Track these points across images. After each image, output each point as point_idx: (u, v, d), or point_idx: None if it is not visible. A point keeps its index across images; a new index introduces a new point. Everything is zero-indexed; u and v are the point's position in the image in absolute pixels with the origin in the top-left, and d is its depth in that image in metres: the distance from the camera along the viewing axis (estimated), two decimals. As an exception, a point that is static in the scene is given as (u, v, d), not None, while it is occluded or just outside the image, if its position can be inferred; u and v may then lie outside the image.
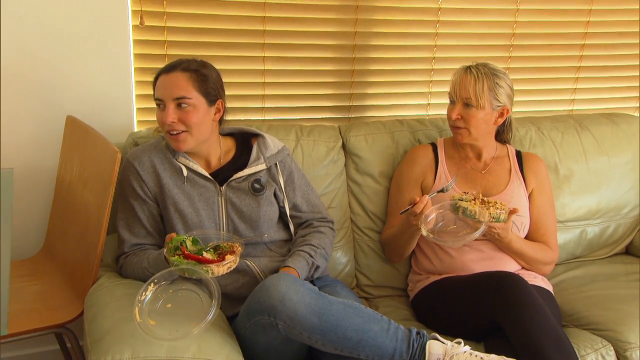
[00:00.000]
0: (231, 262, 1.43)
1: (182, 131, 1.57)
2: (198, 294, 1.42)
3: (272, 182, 1.71)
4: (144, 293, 1.36)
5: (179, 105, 1.55)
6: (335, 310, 1.39)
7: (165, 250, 1.44)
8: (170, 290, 1.41)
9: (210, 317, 1.31)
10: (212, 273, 1.39)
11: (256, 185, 1.67)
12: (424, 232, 1.64)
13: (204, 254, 1.43)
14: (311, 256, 1.64)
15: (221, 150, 1.70)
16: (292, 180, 1.75)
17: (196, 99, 1.57)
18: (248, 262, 1.62)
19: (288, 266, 1.59)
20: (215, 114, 1.63)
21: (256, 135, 1.76)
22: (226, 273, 1.44)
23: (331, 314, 1.38)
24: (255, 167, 1.69)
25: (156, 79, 1.60)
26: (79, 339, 1.64)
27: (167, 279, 1.41)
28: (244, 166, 1.69)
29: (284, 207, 1.73)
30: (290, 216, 1.74)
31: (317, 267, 1.66)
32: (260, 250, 1.69)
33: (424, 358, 1.40)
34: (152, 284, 1.38)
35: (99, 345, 1.30)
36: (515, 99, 1.90)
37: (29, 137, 1.89)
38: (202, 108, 1.58)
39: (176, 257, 1.40)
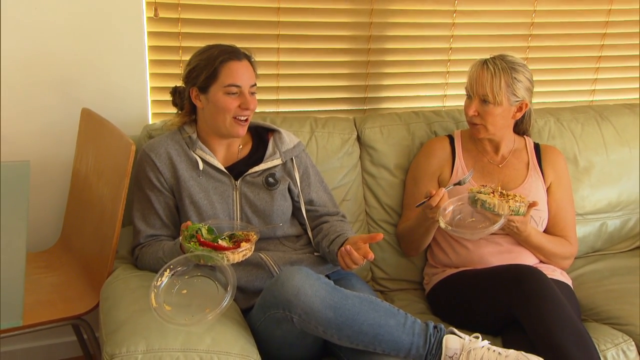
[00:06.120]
0: (246, 249, 1.43)
1: (248, 117, 1.61)
2: (213, 280, 1.42)
3: (287, 177, 1.71)
4: (159, 279, 1.36)
5: (251, 93, 1.60)
6: (351, 304, 1.38)
7: (180, 238, 1.44)
8: (186, 277, 1.40)
9: (225, 304, 1.31)
10: (228, 260, 1.39)
11: (270, 180, 1.66)
12: (441, 225, 1.62)
13: (219, 241, 1.42)
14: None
15: (240, 144, 1.70)
16: (307, 176, 1.74)
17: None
18: (262, 255, 1.61)
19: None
20: None
21: (272, 130, 1.75)
22: (241, 261, 1.43)
23: (347, 308, 1.37)
24: (271, 162, 1.69)
25: (221, 63, 1.57)
26: (95, 331, 1.64)
27: (183, 265, 1.41)
28: (259, 161, 1.69)
29: (298, 202, 1.72)
30: (306, 210, 1.73)
31: None
32: (274, 245, 1.68)
33: (441, 353, 1.38)
34: (167, 270, 1.38)
35: (114, 337, 1.31)
36: (534, 90, 1.86)
37: (44, 130, 1.90)
38: None
39: (192, 243, 1.40)
